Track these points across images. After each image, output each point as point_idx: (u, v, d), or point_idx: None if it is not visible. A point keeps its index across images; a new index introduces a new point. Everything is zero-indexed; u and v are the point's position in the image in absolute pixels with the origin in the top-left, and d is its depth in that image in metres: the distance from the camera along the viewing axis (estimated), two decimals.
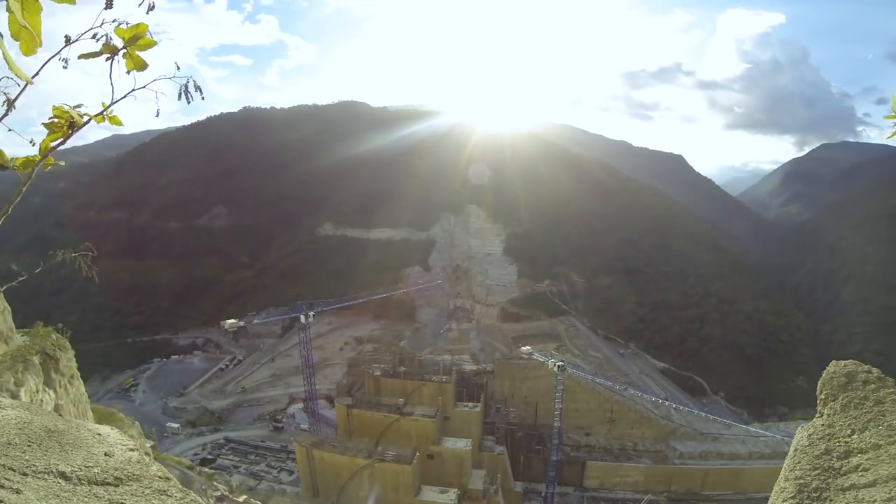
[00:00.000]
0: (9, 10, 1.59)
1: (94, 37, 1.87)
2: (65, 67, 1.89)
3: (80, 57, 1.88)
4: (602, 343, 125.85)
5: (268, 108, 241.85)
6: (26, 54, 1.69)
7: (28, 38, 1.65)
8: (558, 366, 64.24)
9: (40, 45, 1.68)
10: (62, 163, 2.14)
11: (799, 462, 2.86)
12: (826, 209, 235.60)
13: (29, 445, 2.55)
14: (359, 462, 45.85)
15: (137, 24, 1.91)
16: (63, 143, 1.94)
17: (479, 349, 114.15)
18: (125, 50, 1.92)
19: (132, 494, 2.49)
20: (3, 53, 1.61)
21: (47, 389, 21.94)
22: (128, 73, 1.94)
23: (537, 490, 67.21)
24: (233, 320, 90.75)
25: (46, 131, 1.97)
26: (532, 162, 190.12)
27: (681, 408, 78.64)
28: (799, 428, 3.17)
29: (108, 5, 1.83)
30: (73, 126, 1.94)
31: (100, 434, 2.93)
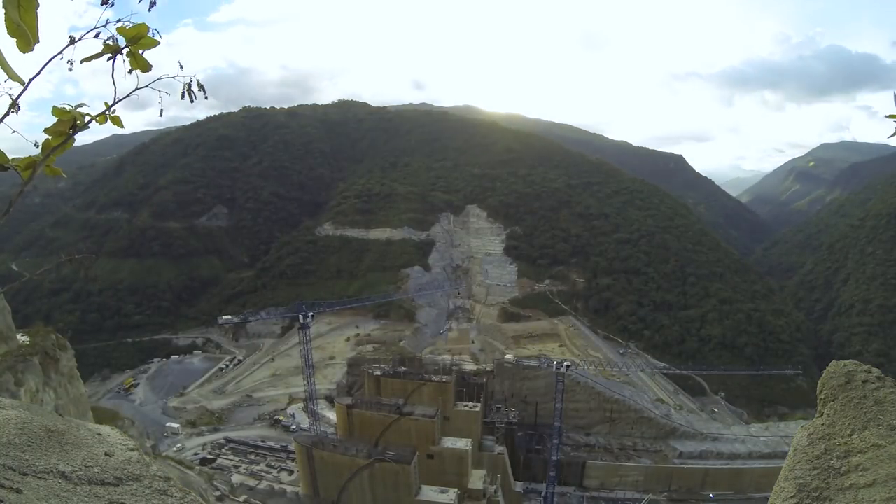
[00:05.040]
0: (4, 7, 1.56)
1: (96, 36, 1.85)
2: (70, 69, 1.87)
3: (82, 61, 1.86)
4: (602, 343, 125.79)
5: (268, 107, 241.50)
6: (23, 52, 1.65)
7: (24, 35, 1.61)
8: (567, 365, 64.27)
9: (37, 42, 1.64)
10: (64, 175, 2.13)
11: (799, 462, 2.86)
12: (825, 209, 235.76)
13: (29, 445, 2.55)
14: (359, 462, 45.86)
15: (139, 25, 1.88)
16: (65, 143, 1.92)
17: (479, 349, 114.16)
18: (128, 50, 1.89)
19: (132, 494, 2.50)
20: None
21: (47, 389, 21.99)
22: (129, 72, 1.92)
23: (537, 490, 67.21)
24: (228, 316, 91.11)
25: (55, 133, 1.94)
26: (532, 161, 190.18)
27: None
28: (799, 428, 3.17)
29: (107, 2, 1.81)
30: (75, 127, 1.91)
31: (100, 434, 2.94)
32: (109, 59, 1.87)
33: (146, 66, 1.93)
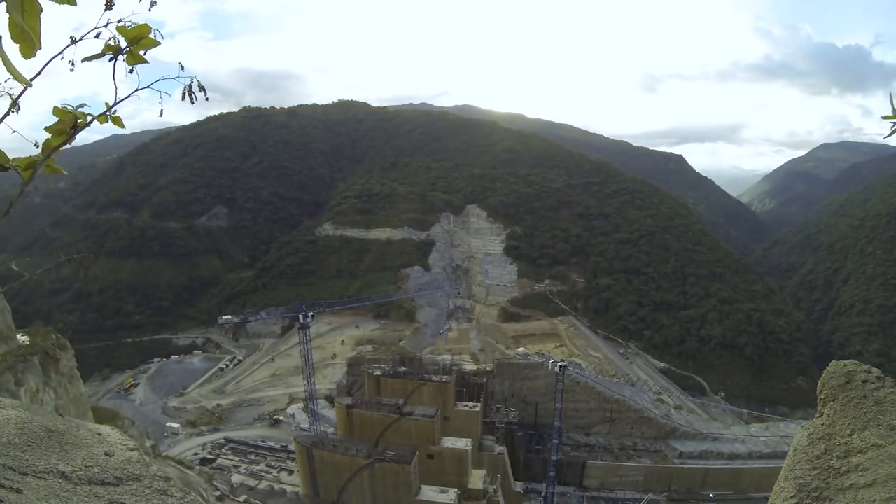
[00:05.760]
0: (8, 11, 1.57)
1: (97, 37, 1.85)
2: (71, 70, 1.87)
3: (83, 60, 1.86)
4: (602, 343, 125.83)
5: (267, 107, 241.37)
6: (26, 57, 1.66)
7: (28, 39, 1.61)
8: (560, 366, 64.23)
9: (39, 48, 1.65)
10: (65, 172, 2.13)
11: (799, 462, 2.86)
12: (826, 209, 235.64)
13: (29, 445, 2.55)
14: (359, 462, 45.84)
15: (140, 25, 1.88)
16: (66, 143, 1.92)
17: (479, 349, 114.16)
18: (128, 49, 1.90)
19: (132, 494, 2.50)
20: (2, 56, 1.59)
21: (47, 389, 21.98)
22: (130, 71, 1.93)
23: (537, 490, 67.17)
24: (228, 316, 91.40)
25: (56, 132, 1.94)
26: (532, 161, 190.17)
27: (681, 407, 78.71)
28: (799, 428, 3.17)
29: (109, 6, 1.80)
30: (76, 127, 1.91)
31: (100, 434, 2.94)
32: (111, 60, 1.88)
33: (142, 60, 1.94)
